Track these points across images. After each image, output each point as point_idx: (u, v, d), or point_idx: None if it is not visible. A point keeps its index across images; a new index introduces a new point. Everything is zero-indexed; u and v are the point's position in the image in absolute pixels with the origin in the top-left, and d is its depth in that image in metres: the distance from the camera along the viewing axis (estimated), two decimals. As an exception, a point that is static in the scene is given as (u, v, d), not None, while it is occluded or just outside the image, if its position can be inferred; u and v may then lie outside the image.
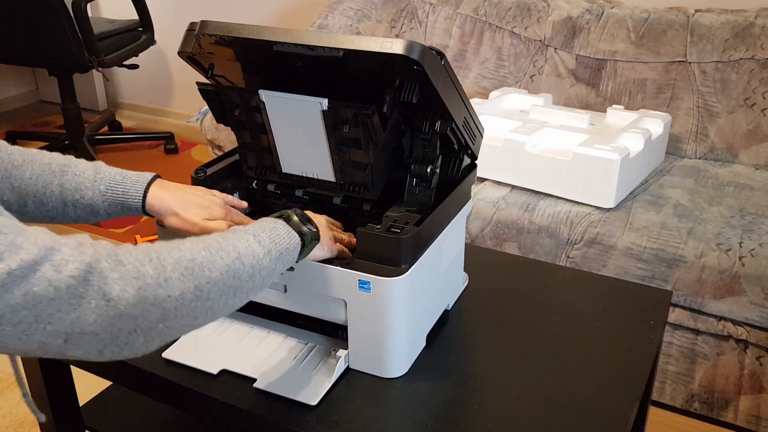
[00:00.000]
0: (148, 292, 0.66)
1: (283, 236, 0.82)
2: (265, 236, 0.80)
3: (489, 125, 1.84)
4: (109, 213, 0.95)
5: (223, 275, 0.74)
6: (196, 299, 0.71)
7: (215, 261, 0.74)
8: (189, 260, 0.71)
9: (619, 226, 1.62)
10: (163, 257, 0.70)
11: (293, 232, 0.84)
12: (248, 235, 0.79)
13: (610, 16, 2.12)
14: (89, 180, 0.93)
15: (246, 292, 0.77)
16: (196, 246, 0.74)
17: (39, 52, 2.77)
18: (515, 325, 1.08)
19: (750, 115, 1.93)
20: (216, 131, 2.29)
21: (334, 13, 2.44)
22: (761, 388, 1.56)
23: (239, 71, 1.04)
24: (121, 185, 0.94)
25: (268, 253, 0.79)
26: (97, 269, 0.63)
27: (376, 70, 0.92)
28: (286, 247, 0.82)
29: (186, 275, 0.70)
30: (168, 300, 0.68)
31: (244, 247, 0.77)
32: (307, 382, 0.93)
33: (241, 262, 0.76)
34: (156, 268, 0.68)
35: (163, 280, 0.68)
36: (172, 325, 0.70)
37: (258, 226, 0.82)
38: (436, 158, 0.98)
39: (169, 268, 0.69)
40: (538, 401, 0.92)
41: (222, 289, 0.74)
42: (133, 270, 0.66)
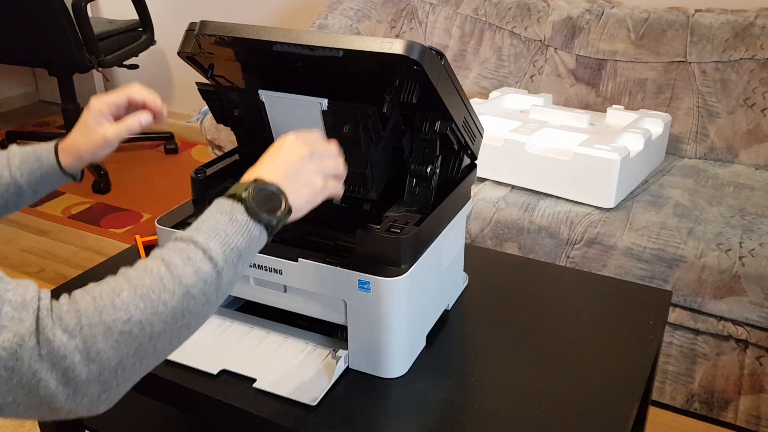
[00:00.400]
0: (77, 371, 0.60)
1: (240, 234, 0.71)
2: (217, 246, 0.69)
3: (489, 125, 1.84)
4: (33, 188, 0.95)
5: (169, 322, 0.65)
6: (138, 360, 0.64)
7: (157, 311, 0.64)
8: (124, 322, 0.63)
9: (619, 226, 1.62)
10: (94, 323, 0.62)
11: (252, 223, 0.72)
12: (197, 250, 0.68)
13: (610, 16, 2.13)
14: (3, 160, 0.93)
15: (204, 315, 0.70)
16: (133, 297, 0.64)
17: (39, 52, 2.77)
18: (515, 325, 1.08)
19: (750, 115, 1.93)
20: (216, 131, 2.29)
21: (334, 13, 2.44)
22: (761, 388, 1.56)
23: (239, 71, 1.04)
24: (33, 153, 0.95)
25: (224, 268, 0.69)
26: (29, 345, 0.59)
27: (375, 70, 0.92)
28: (246, 247, 0.71)
29: (121, 341, 0.63)
30: (104, 373, 0.62)
31: (192, 275, 0.67)
32: (307, 382, 0.93)
33: (190, 296, 0.66)
34: (85, 341, 0.61)
35: (94, 354, 0.61)
36: (117, 391, 0.64)
37: (208, 228, 0.70)
38: (436, 158, 0.98)
39: (100, 338, 0.62)
40: (538, 401, 0.92)
41: (171, 335, 0.66)
42: (60, 347, 0.60)
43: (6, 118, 3.76)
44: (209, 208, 0.73)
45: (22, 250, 2.50)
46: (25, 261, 2.40)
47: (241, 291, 1.02)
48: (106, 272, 1.18)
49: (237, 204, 0.72)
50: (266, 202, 0.74)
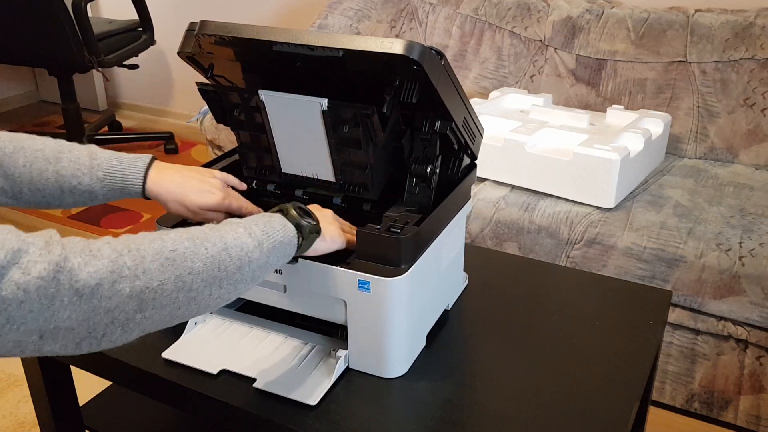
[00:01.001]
0: (123, 284, 0.65)
1: (277, 229, 0.81)
2: (257, 229, 0.79)
3: (489, 125, 1.84)
4: (107, 198, 0.95)
5: (207, 266, 0.72)
6: (176, 290, 0.70)
7: (198, 251, 0.72)
8: (170, 250, 0.70)
9: (619, 226, 1.62)
10: (143, 248, 0.69)
11: (289, 224, 0.83)
12: (239, 227, 0.78)
13: (610, 16, 2.13)
14: (86, 166, 0.92)
15: (234, 284, 0.76)
16: (179, 236, 0.73)
17: (39, 52, 2.77)
18: (515, 325, 1.08)
19: (750, 115, 1.93)
20: (216, 131, 2.29)
21: (334, 13, 2.44)
22: (761, 388, 1.56)
23: (239, 71, 1.04)
24: (120, 171, 0.94)
25: (259, 246, 0.78)
26: (66, 267, 0.62)
27: (375, 70, 0.92)
28: (281, 240, 0.81)
29: (166, 266, 0.69)
30: (146, 291, 0.67)
31: (233, 239, 0.76)
32: (307, 382, 0.93)
33: (227, 253, 0.75)
34: (134, 259, 0.67)
35: (141, 271, 0.67)
36: (152, 316, 0.69)
37: (252, 219, 0.81)
38: (436, 158, 0.98)
39: (148, 258, 0.68)
40: (538, 401, 0.92)
41: (206, 280, 0.73)
42: (108, 263, 0.65)
43: (6, 118, 3.76)
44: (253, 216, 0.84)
45: (22, 250, 2.49)
46: (25, 261, 2.40)
47: (241, 291, 1.02)
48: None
49: (277, 213, 0.85)
50: (303, 214, 0.86)
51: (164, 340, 1.01)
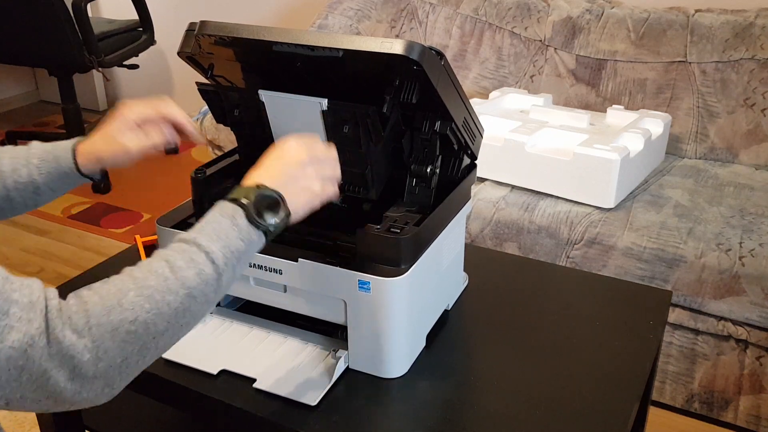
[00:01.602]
0: (85, 369, 0.63)
1: (240, 238, 0.73)
2: (218, 249, 0.71)
3: (489, 125, 1.84)
4: (50, 188, 0.95)
5: (171, 322, 0.68)
6: (142, 357, 0.67)
7: (161, 312, 0.67)
8: (130, 322, 0.65)
9: (619, 226, 1.62)
10: (102, 323, 0.64)
11: (252, 229, 0.74)
12: (199, 252, 0.70)
13: (610, 16, 2.12)
14: (23, 158, 0.93)
15: (202, 314, 0.72)
16: (139, 298, 0.66)
17: (39, 52, 2.77)
18: (515, 325, 1.08)
19: (750, 115, 1.93)
20: (216, 131, 2.29)
21: (334, 13, 2.44)
22: (761, 388, 1.56)
23: (239, 71, 1.04)
24: (52, 152, 0.94)
25: (224, 271, 0.72)
26: (39, 344, 0.60)
27: (375, 70, 0.92)
28: (245, 250, 0.74)
29: (128, 340, 0.65)
30: (110, 369, 0.65)
31: (194, 277, 0.69)
32: (307, 382, 0.93)
33: (192, 297, 0.69)
34: (94, 340, 0.63)
35: (102, 352, 0.64)
36: (120, 385, 0.67)
37: (211, 230, 0.72)
38: (436, 158, 0.98)
39: (107, 337, 0.64)
40: (538, 401, 0.92)
41: (173, 334, 0.69)
42: (68, 348, 0.62)
43: (6, 118, 3.76)
44: (212, 210, 0.75)
45: (22, 250, 2.50)
46: (25, 261, 2.40)
47: (241, 291, 1.02)
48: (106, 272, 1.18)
49: (238, 209, 0.74)
50: (266, 208, 0.76)
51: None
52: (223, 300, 1.09)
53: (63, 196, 1.03)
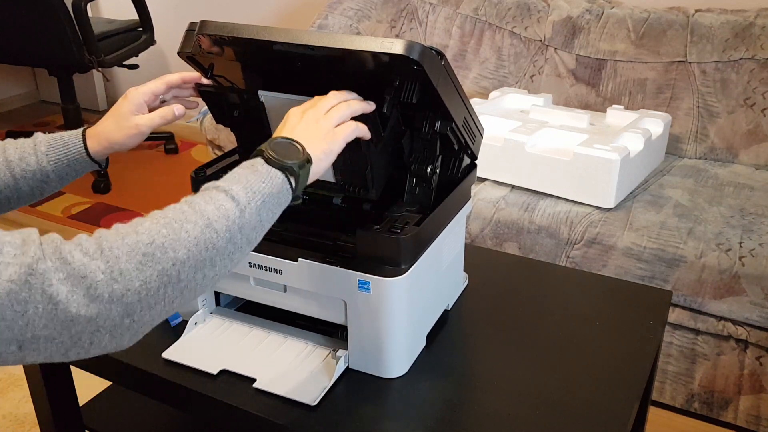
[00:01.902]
0: (100, 290, 0.61)
1: (262, 180, 0.74)
2: (239, 188, 0.72)
3: (489, 125, 1.84)
4: (59, 175, 0.95)
5: (192, 251, 0.66)
6: (163, 285, 0.65)
7: (179, 237, 0.66)
8: (146, 244, 0.64)
9: (619, 226, 1.62)
10: (116, 246, 0.63)
11: (273, 170, 0.75)
12: (219, 191, 0.71)
13: (610, 16, 2.12)
14: (30, 146, 0.93)
15: (228, 257, 0.70)
16: (155, 224, 0.66)
17: (39, 52, 2.77)
18: (515, 325, 1.08)
19: (750, 115, 1.93)
20: (216, 131, 2.29)
21: (334, 13, 2.44)
22: (761, 388, 1.56)
23: (239, 71, 1.04)
24: (60, 140, 0.95)
25: (246, 208, 0.71)
26: (39, 270, 0.58)
27: (375, 70, 0.92)
28: (269, 192, 0.74)
29: (145, 263, 0.63)
30: (128, 294, 0.62)
31: (214, 210, 0.69)
32: (307, 382, 0.93)
33: (212, 229, 0.68)
34: (108, 261, 0.62)
35: (117, 273, 0.62)
36: (141, 318, 0.64)
37: (230, 178, 0.74)
38: (436, 158, 0.98)
39: (123, 258, 0.62)
40: (538, 401, 0.92)
41: (194, 266, 0.67)
42: (79, 268, 0.60)
43: (6, 118, 3.76)
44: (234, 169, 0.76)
45: (22, 250, 2.49)
46: (25, 261, 2.40)
47: (241, 291, 1.02)
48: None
49: (256, 157, 0.77)
50: (284, 150, 0.77)
51: (164, 340, 1.01)
52: (223, 300, 1.09)
53: (63, 196, 1.04)
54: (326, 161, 0.82)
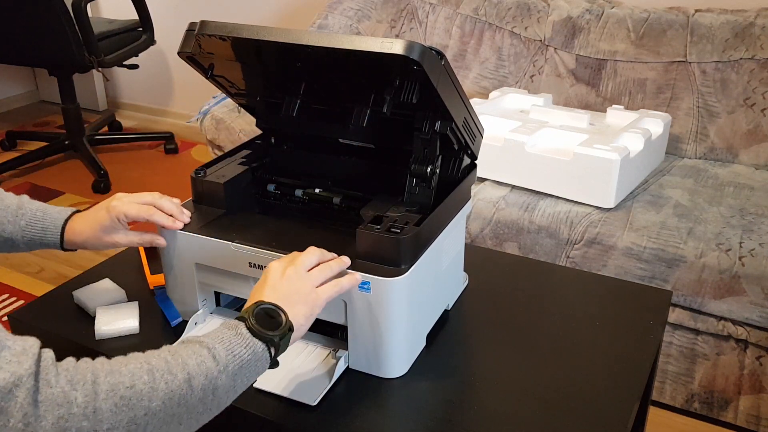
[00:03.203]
0: (70, 422, 0.61)
1: (243, 346, 0.75)
2: (222, 348, 0.73)
3: (489, 125, 1.84)
4: (29, 246, 0.99)
5: (166, 403, 0.67)
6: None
7: (158, 387, 0.67)
8: (127, 387, 0.65)
9: (619, 226, 1.62)
10: (99, 381, 0.64)
11: (255, 340, 0.76)
12: (202, 347, 0.72)
13: (610, 16, 2.13)
14: (12, 212, 0.96)
15: (196, 417, 0.71)
16: (138, 369, 0.67)
17: (39, 52, 2.77)
18: (515, 325, 1.08)
19: (750, 115, 1.93)
20: (216, 131, 2.29)
21: (334, 13, 2.44)
22: (761, 388, 1.56)
23: (239, 71, 1.04)
24: (41, 221, 0.97)
25: (225, 369, 0.72)
26: (26, 385, 0.59)
27: (375, 70, 0.92)
28: (248, 360, 0.75)
29: (120, 406, 0.64)
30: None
31: (195, 365, 0.70)
32: (307, 382, 0.93)
33: (189, 385, 0.69)
34: (86, 395, 0.62)
35: (91, 411, 0.62)
36: None
37: (216, 336, 0.75)
38: (436, 158, 0.98)
39: (101, 396, 0.63)
40: (538, 401, 0.92)
41: (163, 419, 0.67)
42: (59, 394, 0.61)
43: (6, 118, 3.76)
44: (217, 327, 0.78)
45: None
46: (25, 261, 2.40)
47: (241, 291, 1.02)
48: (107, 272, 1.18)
49: (240, 322, 0.78)
50: (268, 319, 0.78)
51: (164, 340, 1.01)
52: (223, 300, 1.09)
53: (63, 196, 1.06)
54: (308, 325, 0.83)
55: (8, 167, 2.98)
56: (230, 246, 0.96)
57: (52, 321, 1.08)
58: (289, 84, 1.02)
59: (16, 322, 1.09)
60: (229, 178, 1.06)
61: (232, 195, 1.05)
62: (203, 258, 0.99)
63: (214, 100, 2.32)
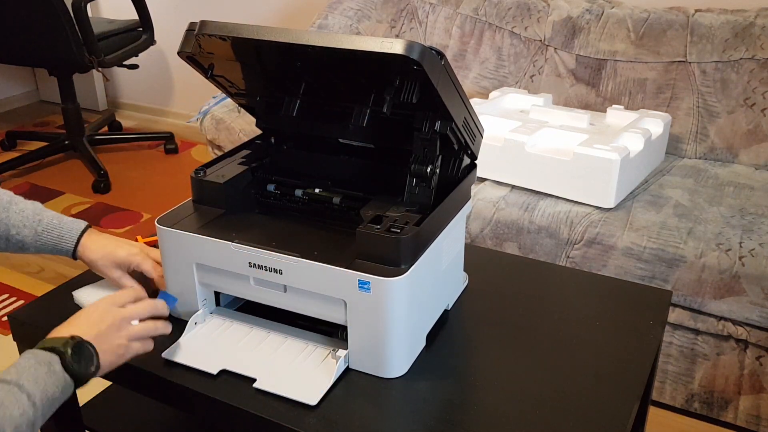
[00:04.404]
0: None
1: (56, 384, 0.80)
2: (38, 392, 0.77)
3: (489, 125, 1.84)
4: (38, 251, 1.03)
5: None
6: None
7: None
8: None
9: (619, 226, 1.63)
10: None
11: (66, 375, 0.81)
12: (22, 393, 0.76)
13: (610, 16, 2.13)
14: (29, 219, 1.01)
15: None
16: None
17: (39, 52, 2.77)
18: (515, 325, 1.08)
19: (750, 115, 1.93)
20: (216, 131, 2.29)
21: (334, 13, 2.44)
22: (761, 388, 1.56)
23: (239, 71, 1.04)
24: (57, 229, 1.02)
25: (41, 413, 0.78)
26: None
27: (375, 70, 0.92)
28: (58, 397, 0.80)
29: None
30: None
31: (19, 415, 0.75)
32: (307, 382, 0.93)
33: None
34: None
35: None
36: None
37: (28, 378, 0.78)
38: (436, 158, 0.98)
39: None
40: (538, 401, 0.92)
41: None
42: None
43: (6, 118, 3.76)
44: (24, 355, 0.80)
45: (22, 250, 2.50)
46: (25, 261, 2.40)
47: (241, 291, 1.02)
48: (106, 272, 1.15)
49: (55, 356, 0.80)
50: (81, 358, 0.83)
51: (164, 340, 1.01)
52: (223, 300, 1.09)
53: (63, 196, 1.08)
54: (108, 370, 0.88)
55: (8, 167, 2.98)
56: (230, 246, 0.96)
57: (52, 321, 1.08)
58: (289, 84, 1.02)
59: (16, 322, 1.09)
60: (228, 178, 1.06)
61: (232, 195, 1.05)
62: (203, 258, 0.99)
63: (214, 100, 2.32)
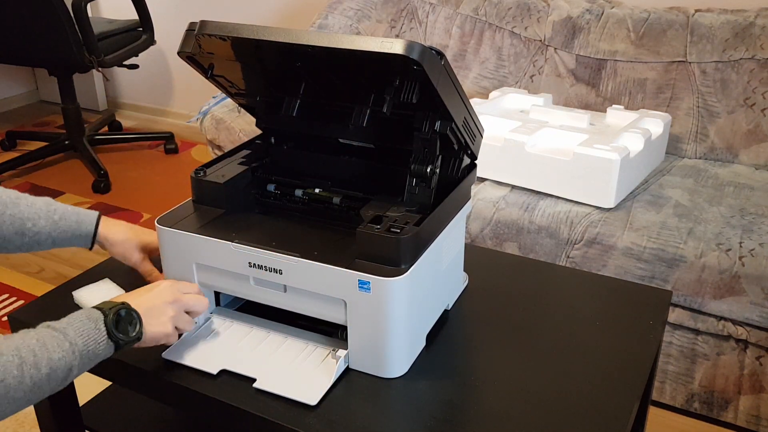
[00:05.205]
0: None
1: (99, 341, 0.83)
2: (81, 342, 0.81)
3: (489, 125, 1.84)
4: (55, 242, 1.04)
5: (27, 394, 0.76)
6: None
7: (24, 381, 0.75)
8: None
9: (619, 226, 1.63)
10: None
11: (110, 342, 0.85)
12: (65, 341, 0.80)
13: (610, 16, 2.13)
14: (43, 210, 1.02)
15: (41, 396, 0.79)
16: (11, 362, 0.74)
17: (39, 52, 2.77)
18: (515, 325, 1.08)
19: (750, 115, 1.93)
20: (216, 131, 2.29)
21: (334, 13, 2.44)
22: (761, 388, 1.56)
23: (239, 71, 1.04)
24: (75, 215, 1.05)
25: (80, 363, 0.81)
26: None
27: (375, 70, 0.92)
28: (97, 354, 0.84)
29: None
30: None
31: (57, 360, 0.78)
32: (307, 382, 0.93)
33: (49, 378, 0.78)
34: None
35: None
36: None
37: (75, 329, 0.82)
38: (436, 158, 0.98)
39: None
40: (538, 401, 0.92)
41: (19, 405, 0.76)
42: None
43: (6, 118, 3.76)
44: (79, 310, 0.85)
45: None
46: (25, 261, 2.40)
47: (241, 291, 1.02)
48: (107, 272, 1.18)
49: (102, 316, 0.85)
50: (121, 322, 0.86)
51: (164, 340, 1.01)
52: (223, 300, 1.09)
53: (63, 196, 1.08)
54: (149, 344, 0.92)
55: (8, 167, 2.98)
56: (230, 246, 0.96)
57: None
58: (289, 84, 1.02)
59: (16, 322, 1.09)
60: (228, 178, 1.06)
61: (232, 195, 1.05)
62: (203, 258, 0.99)
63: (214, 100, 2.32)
